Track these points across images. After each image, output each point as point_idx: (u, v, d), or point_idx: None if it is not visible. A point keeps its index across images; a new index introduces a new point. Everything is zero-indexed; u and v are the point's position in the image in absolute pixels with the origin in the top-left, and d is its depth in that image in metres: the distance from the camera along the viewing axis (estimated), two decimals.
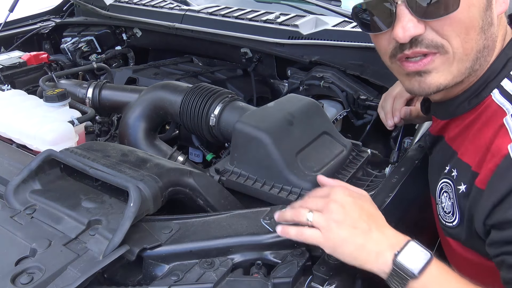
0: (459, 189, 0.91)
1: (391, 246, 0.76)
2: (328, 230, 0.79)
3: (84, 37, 2.32)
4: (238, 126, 1.20)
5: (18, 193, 0.97)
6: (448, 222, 0.96)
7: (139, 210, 0.86)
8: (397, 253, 0.75)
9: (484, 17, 0.83)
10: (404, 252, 0.75)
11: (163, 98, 1.47)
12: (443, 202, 0.97)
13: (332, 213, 0.79)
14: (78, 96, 1.60)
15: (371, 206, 0.84)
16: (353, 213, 0.79)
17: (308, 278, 0.81)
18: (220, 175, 1.21)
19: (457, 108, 0.93)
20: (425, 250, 0.76)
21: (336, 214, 0.79)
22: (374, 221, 0.80)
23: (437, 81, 0.86)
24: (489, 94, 0.88)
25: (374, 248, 0.77)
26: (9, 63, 1.90)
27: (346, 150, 1.28)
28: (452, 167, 0.95)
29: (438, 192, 1.00)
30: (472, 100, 0.90)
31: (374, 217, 0.81)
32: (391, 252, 0.75)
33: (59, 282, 0.77)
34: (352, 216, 0.79)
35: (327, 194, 0.83)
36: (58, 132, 1.29)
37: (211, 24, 2.05)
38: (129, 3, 2.35)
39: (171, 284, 0.79)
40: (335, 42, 1.81)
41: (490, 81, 0.88)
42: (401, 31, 0.82)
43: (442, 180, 0.98)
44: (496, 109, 0.85)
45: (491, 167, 0.80)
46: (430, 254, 0.75)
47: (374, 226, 0.79)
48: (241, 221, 0.92)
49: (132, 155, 1.09)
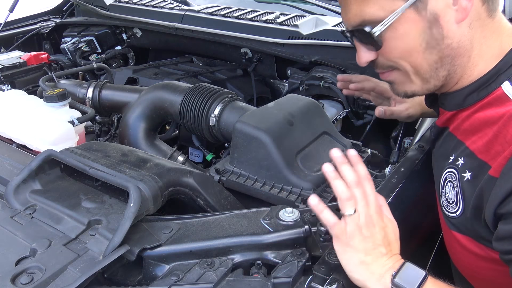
0: (463, 176, 0.92)
1: (391, 269, 0.80)
2: (352, 236, 0.82)
3: (84, 37, 2.32)
4: (238, 126, 1.20)
5: (18, 193, 0.97)
6: (451, 213, 0.97)
7: (139, 210, 0.86)
8: (394, 274, 0.79)
9: (430, 36, 0.88)
10: (401, 273, 0.79)
11: (163, 98, 1.47)
12: (447, 193, 0.98)
13: (363, 225, 0.82)
14: (78, 96, 1.60)
15: (395, 236, 0.87)
16: (378, 235, 0.82)
17: (308, 278, 0.81)
18: (220, 175, 1.21)
19: (466, 99, 0.95)
20: (421, 269, 0.80)
21: (366, 228, 0.82)
22: (391, 249, 0.84)
23: (403, 89, 0.99)
24: (499, 86, 0.89)
25: (377, 271, 0.81)
26: (9, 63, 1.90)
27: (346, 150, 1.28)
28: (458, 156, 0.96)
29: (442, 183, 1.01)
30: (481, 92, 0.92)
31: (392, 246, 0.84)
32: (389, 273, 0.80)
33: (59, 282, 0.77)
34: (376, 237, 0.82)
35: (370, 204, 0.84)
36: (58, 132, 1.29)
37: (211, 24, 2.06)
38: (129, 3, 2.35)
39: (171, 284, 0.79)
40: (335, 42, 1.81)
41: (501, 73, 0.89)
42: (358, 59, 0.99)
43: (447, 170, 0.99)
44: (505, 99, 0.86)
45: (506, 154, 0.81)
46: (425, 273, 0.79)
47: (389, 254, 0.83)
48: (241, 221, 0.92)
49: (132, 155, 1.09)
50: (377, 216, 0.83)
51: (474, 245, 0.95)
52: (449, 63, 0.91)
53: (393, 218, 0.89)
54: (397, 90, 1.00)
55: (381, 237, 0.82)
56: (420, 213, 1.23)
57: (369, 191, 0.85)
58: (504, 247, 0.82)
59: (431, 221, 1.11)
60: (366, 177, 0.86)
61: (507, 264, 0.82)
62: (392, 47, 0.91)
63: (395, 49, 0.91)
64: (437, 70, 0.92)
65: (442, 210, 1.02)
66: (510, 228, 0.80)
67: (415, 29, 0.88)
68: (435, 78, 0.93)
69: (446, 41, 0.89)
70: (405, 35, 0.89)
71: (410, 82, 0.96)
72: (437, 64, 0.91)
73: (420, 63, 0.92)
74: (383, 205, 0.90)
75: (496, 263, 0.85)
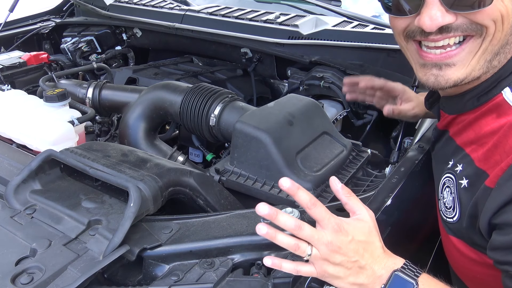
0: (460, 183, 0.91)
1: (380, 280, 0.78)
2: (323, 270, 0.78)
3: (84, 37, 2.32)
4: (238, 126, 1.20)
5: (18, 193, 0.97)
6: (448, 218, 0.97)
7: (139, 210, 0.86)
8: (383, 287, 0.77)
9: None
10: (390, 285, 0.77)
11: (163, 98, 1.47)
12: (445, 197, 0.98)
13: (328, 256, 0.77)
14: (78, 96, 1.60)
15: (368, 235, 0.80)
16: (348, 252, 0.77)
17: (308, 278, 0.81)
18: (220, 175, 1.21)
19: (466, 104, 0.93)
20: (409, 280, 0.77)
21: (333, 256, 0.77)
22: (370, 254, 0.79)
23: (456, 75, 0.84)
24: (499, 92, 0.87)
25: (364, 282, 0.79)
26: (9, 63, 1.90)
27: (346, 150, 1.28)
28: (456, 162, 0.95)
29: (440, 187, 1.00)
30: (481, 97, 0.90)
31: (369, 249, 0.79)
32: (379, 285, 0.78)
33: (59, 282, 0.77)
34: (347, 256, 0.77)
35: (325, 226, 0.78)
36: (58, 132, 1.29)
37: (211, 24, 2.06)
38: (129, 3, 2.35)
39: (171, 284, 0.79)
40: (335, 42, 1.81)
41: (502, 79, 0.87)
42: (428, 20, 0.79)
43: (445, 175, 0.98)
44: (506, 107, 0.85)
45: (503, 166, 0.80)
46: (414, 283, 0.76)
47: (369, 261, 0.79)
48: (241, 221, 0.92)
49: (132, 155, 1.09)
50: (336, 237, 0.77)
51: (469, 250, 0.95)
52: (505, 54, 0.84)
53: (363, 211, 0.82)
54: (449, 76, 0.85)
55: (352, 252, 0.77)
56: (420, 213, 1.23)
57: (319, 212, 0.77)
58: (497, 257, 0.81)
59: (431, 221, 1.11)
60: (311, 203, 0.77)
61: (501, 272, 0.82)
62: (497, 5, 0.78)
63: (497, 9, 0.78)
64: (497, 55, 0.84)
65: (440, 214, 1.02)
66: (504, 239, 0.79)
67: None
68: (487, 65, 0.85)
69: None
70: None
71: (470, 62, 0.83)
72: (502, 49, 0.83)
73: (500, 37, 0.81)
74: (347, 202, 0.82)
75: (491, 268, 0.85)
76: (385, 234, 0.96)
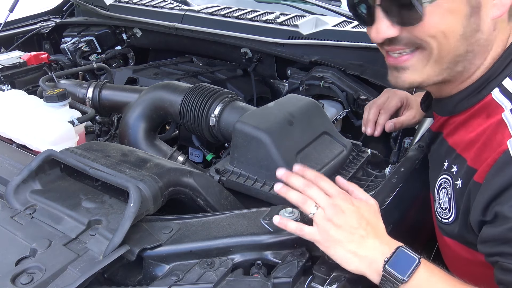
0: (456, 184, 0.92)
1: (382, 254, 0.79)
2: (325, 231, 0.81)
3: (84, 37, 2.32)
4: (238, 126, 1.20)
5: (18, 193, 0.97)
6: (444, 219, 0.97)
7: (139, 210, 0.86)
8: (386, 260, 0.78)
9: (467, 24, 0.84)
10: (393, 259, 0.78)
11: (163, 98, 1.47)
12: (441, 198, 0.98)
13: (332, 216, 0.81)
14: (78, 96, 1.60)
15: (373, 214, 0.85)
16: (351, 219, 0.81)
17: (308, 278, 0.81)
18: (220, 175, 1.21)
19: (456, 106, 0.95)
20: (413, 255, 0.78)
21: (336, 217, 0.81)
22: (373, 229, 0.82)
23: (411, 78, 0.92)
24: (489, 93, 0.88)
25: (367, 255, 0.79)
26: (9, 63, 1.90)
27: (346, 150, 1.28)
28: (451, 163, 0.96)
29: (436, 188, 1.01)
30: (471, 99, 0.92)
31: (373, 225, 0.83)
32: (382, 259, 0.78)
33: (59, 282, 0.77)
34: (350, 222, 0.81)
35: (333, 195, 0.84)
36: (58, 132, 1.29)
37: (211, 24, 2.06)
38: (129, 3, 2.35)
39: (171, 284, 0.79)
40: (335, 42, 1.81)
41: (491, 80, 0.89)
42: (375, 32, 0.89)
43: (442, 176, 0.99)
44: (495, 106, 0.86)
45: (489, 162, 0.81)
46: (418, 258, 0.78)
47: (371, 234, 0.81)
48: (241, 221, 0.92)
49: (132, 155, 1.09)
50: (344, 202, 0.82)
51: (464, 250, 0.95)
52: (468, 60, 0.88)
53: (369, 197, 0.89)
54: (404, 79, 0.92)
55: (355, 220, 0.81)
56: (420, 213, 1.23)
57: (327, 185, 0.85)
58: (487, 250, 0.82)
59: (431, 221, 1.11)
60: (318, 177, 0.86)
61: (492, 265, 0.82)
62: (431, 23, 0.83)
63: (433, 27, 0.83)
64: (457, 63, 0.88)
65: (435, 215, 1.02)
66: (493, 231, 0.80)
67: (458, 12, 0.83)
68: (449, 72, 0.89)
69: (477, 35, 0.85)
70: (448, 15, 0.83)
71: (423, 69, 0.89)
72: (460, 58, 0.87)
73: (449, 50, 0.86)
74: (354, 190, 0.89)
75: (485, 266, 0.85)
76: None
